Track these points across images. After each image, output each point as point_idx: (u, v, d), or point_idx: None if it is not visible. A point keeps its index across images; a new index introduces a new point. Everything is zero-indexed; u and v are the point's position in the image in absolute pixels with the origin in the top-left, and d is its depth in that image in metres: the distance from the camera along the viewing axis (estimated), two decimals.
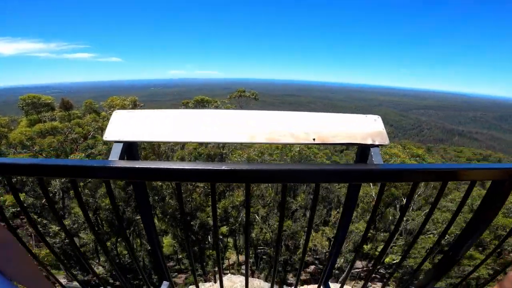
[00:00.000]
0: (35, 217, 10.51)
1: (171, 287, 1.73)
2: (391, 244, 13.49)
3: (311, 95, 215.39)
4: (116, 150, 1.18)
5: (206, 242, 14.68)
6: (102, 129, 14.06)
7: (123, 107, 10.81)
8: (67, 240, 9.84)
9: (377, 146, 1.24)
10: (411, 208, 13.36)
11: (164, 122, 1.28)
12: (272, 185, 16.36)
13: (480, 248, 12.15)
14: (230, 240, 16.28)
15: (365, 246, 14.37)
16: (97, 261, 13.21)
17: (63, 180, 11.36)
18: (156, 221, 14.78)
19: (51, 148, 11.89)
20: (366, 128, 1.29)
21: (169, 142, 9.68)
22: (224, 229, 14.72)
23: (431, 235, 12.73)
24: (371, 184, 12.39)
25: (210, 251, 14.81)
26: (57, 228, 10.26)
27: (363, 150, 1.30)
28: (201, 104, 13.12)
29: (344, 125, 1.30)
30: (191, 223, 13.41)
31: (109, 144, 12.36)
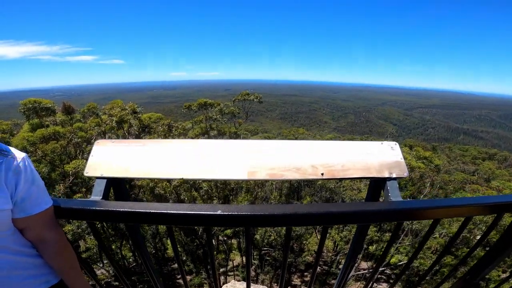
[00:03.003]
0: None
1: None
2: (397, 245, 13.37)
3: (313, 95, 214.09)
4: (99, 188, 1.04)
5: (212, 246, 14.58)
6: (105, 133, 14.02)
7: (122, 118, 10.64)
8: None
9: (395, 179, 1.08)
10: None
11: (152, 154, 1.13)
12: (277, 187, 16.28)
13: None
14: (234, 241, 16.25)
15: (370, 247, 14.25)
16: (101, 265, 13.16)
17: (67, 185, 11.32)
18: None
19: (55, 153, 11.86)
20: (382, 158, 1.13)
21: (159, 179, 9.03)
22: (229, 231, 14.67)
23: (437, 236, 12.60)
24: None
25: (215, 253, 14.74)
26: None
27: (376, 183, 1.14)
28: (204, 107, 12.95)
29: (356, 155, 1.13)
30: (195, 227, 13.34)
31: None
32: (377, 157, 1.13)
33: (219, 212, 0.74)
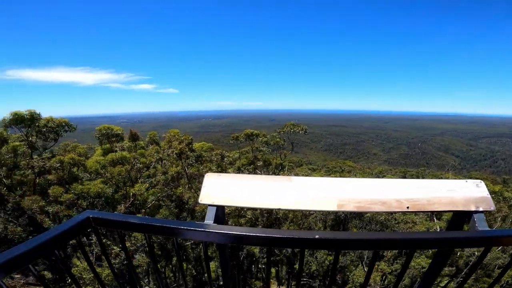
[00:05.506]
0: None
1: None
2: (459, 279, 11.95)
3: (361, 126, 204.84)
4: (211, 214, 1.26)
5: (252, 272, 14.52)
6: (162, 160, 15.39)
7: (181, 151, 11.68)
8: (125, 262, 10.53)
9: (481, 212, 1.17)
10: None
11: (251, 187, 1.34)
12: (321, 218, 15.78)
13: None
14: (273, 270, 15.93)
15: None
16: (146, 281, 13.82)
17: (127, 205, 12.55)
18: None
19: (120, 176, 13.29)
20: (468, 194, 1.23)
21: (257, 208, 9.83)
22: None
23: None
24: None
25: (253, 280, 14.55)
26: (118, 249, 11.11)
27: (458, 217, 1.23)
28: (250, 138, 13.48)
29: (441, 191, 1.24)
30: (239, 252, 13.47)
31: (168, 174, 13.41)
32: (462, 193, 1.23)
33: (317, 237, 0.91)
